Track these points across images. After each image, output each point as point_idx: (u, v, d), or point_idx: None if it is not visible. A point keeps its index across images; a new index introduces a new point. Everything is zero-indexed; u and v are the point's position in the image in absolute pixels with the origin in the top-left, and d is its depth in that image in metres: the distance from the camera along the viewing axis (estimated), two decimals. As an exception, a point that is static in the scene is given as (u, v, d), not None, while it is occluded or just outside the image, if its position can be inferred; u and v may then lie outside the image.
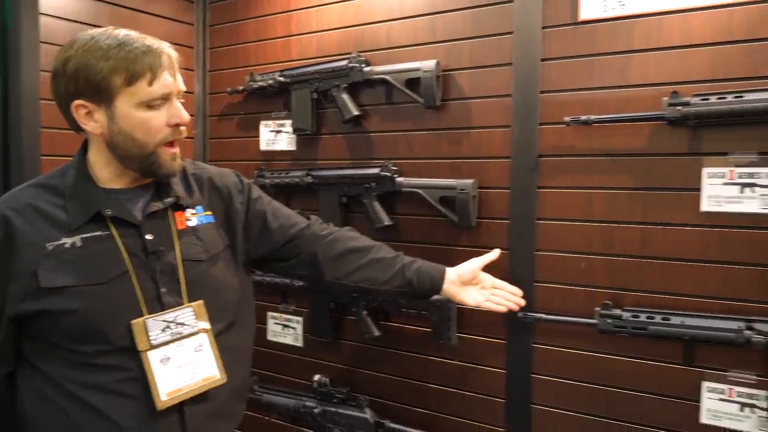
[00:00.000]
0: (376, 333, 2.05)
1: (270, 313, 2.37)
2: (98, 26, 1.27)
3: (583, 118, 1.65)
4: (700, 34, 1.57)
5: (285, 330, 2.34)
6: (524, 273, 1.80)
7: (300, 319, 2.30)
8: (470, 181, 1.83)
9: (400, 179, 1.97)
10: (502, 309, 1.64)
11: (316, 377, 2.15)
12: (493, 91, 1.85)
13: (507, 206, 1.83)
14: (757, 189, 1.52)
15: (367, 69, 2.02)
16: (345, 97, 2.06)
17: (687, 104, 1.54)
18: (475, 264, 1.63)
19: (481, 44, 1.87)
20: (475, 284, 1.63)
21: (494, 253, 1.68)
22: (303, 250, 1.52)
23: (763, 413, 1.53)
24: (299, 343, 2.31)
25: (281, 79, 2.21)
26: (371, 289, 1.57)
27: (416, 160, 1.99)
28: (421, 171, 1.97)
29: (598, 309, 1.66)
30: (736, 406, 1.57)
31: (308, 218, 1.59)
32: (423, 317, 1.96)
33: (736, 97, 1.49)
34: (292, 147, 2.28)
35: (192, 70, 2.51)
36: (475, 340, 1.92)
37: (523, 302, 1.68)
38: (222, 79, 2.47)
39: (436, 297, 1.79)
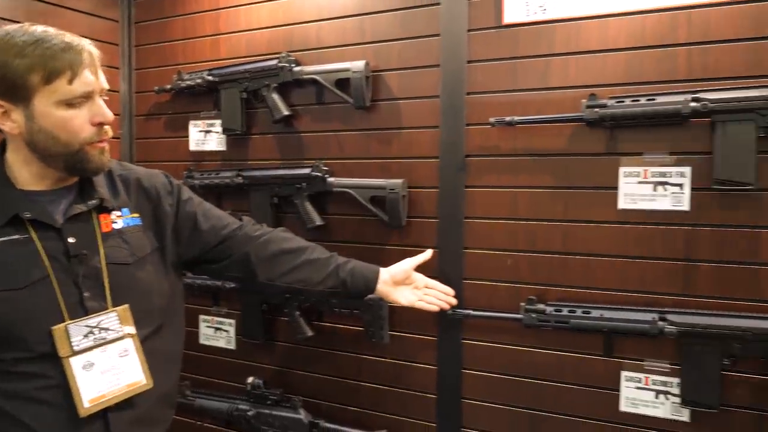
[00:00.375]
0: (309, 333, 2.05)
1: (202, 317, 2.33)
2: (13, 22, 1.21)
3: (507, 119, 1.70)
4: (615, 40, 1.65)
5: (217, 333, 2.31)
6: (453, 271, 1.83)
7: (232, 321, 2.27)
8: (400, 180, 1.86)
9: (331, 179, 1.97)
10: (434, 308, 1.67)
11: (250, 380, 2.13)
12: (422, 92, 1.87)
13: (436, 205, 1.86)
14: (668, 187, 1.60)
15: (297, 69, 2.02)
16: (275, 96, 2.05)
17: (604, 106, 1.60)
18: (408, 264, 1.65)
19: (409, 46, 1.89)
20: (408, 284, 1.66)
21: (427, 254, 1.71)
22: (235, 251, 1.50)
23: (676, 399, 1.61)
24: (232, 346, 2.27)
25: (210, 78, 2.17)
26: (305, 290, 1.56)
27: (347, 160, 2.00)
28: (351, 171, 1.98)
29: (523, 304, 1.71)
30: (652, 394, 1.65)
31: (240, 219, 1.57)
32: (356, 317, 1.98)
33: (649, 100, 1.57)
34: (222, 147, 2.25)
35: (117, 68, 2.43)
36: (407, 338, 1.95)
37: (454, 301, 1.72)
38: (149, 78, 2.41)
39: (369, 296, 1.81)
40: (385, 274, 1.61)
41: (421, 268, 1.68)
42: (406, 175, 1.89)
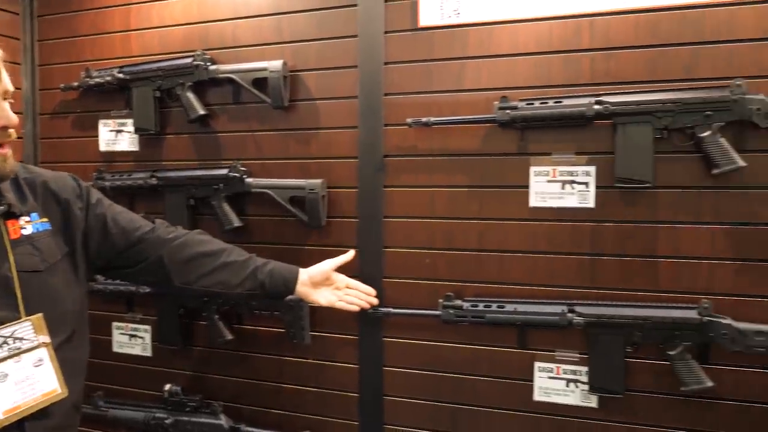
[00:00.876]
0: (229, 337, 2.01)
1: (115, 323, 2.23)
2: None
3: (424, 120, 1.74)
4: (525, 44, 1.71)
5: (132, 340, 2.22)
6: (373, 270, 1.85)
7: (148, 327, 2.19)
8: (319, 181, 1.86)
9: (249, 180, 1.94)
10: (355, 308, 1.68)
11: (167, 387, 2.07)
12: (340, 93, 1.88)
13: (355, 205, 1.87)
14: (575, 186, 1.68)
15: (212, 67, 1.98)
16: (190, 95, 2.00)
17: (515, 108, 1.67)
18: (328, 265, 1.65)
19: (327, 46, 1.90)
20: (329, 285, 1.66)
21: (348, 255, 1.71)
22: (149, 254, 1.46)
23: (585, 387, 1.70)
24: (148, 353, 2.20)
25: (120, 75, 2.09)
26: (223, 293, 1.53)
27: (265, 161, 1.98)
28: (270, 171, 1.96)
29: (441, 301, 1.75)
30: (563, 383, 1.73)
31: (153, 222, 1.53)
32: (276, 318, 1.96)
33: (556, 102, 1.64)
34: (134, 147, 2.17)
35: (19, 63, 2.29)
36: (329, 338, 1.95)
37: (375, 301, 1.73)
38: (54, 75, 2.29)
39: (289, 297, 1.80)
40: (305, 275, 1.61)
41: (342, 268, 1.69)
42: (325, 175, 1.89)
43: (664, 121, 1.57)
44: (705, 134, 1.54)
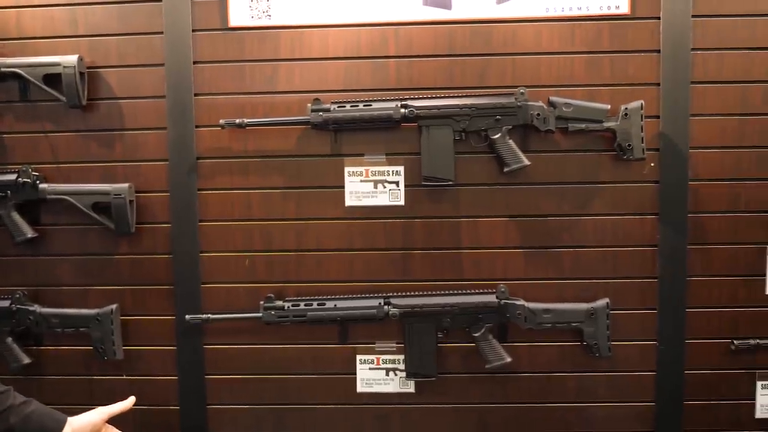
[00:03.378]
0: (26, 360, 1.81)
1: None
2: None
3: (237, 121, 1.71)
4: (335, 48, 1.76)
5: None
6: (189, 275, 1.79)
7: None
8: (125, 185, 1.74)
9: (43, 186, 1.76)
10: None
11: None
12: (146, 92, 1.79)
13: (167, 209, 1.79)
14: (386, 185, 1.77)
15: (-7, 61, 1.76)
16: (-35, 92, 1.76)
17: (327, 110, 1.71)
18: (98, 415, 1.45)
19: (129, 42, 1.78)
20: None
21: (128, 402, 1.53)
22: None
23: (403, 374, 1.80)
24: None
25: None
26: None
27: (62, 165, 1.81)
28: (69, 176, 1.80)
29: (262, 303, 1.74)
30: (383, 372, 1.82)
31: None
32: (82, 334, 1.80)
33: (366, 105, 1.72)
34: None
35: None
36: (143, 352, 1.84)
37: None
38: None
39: (98, 312, 1.70)
40: (69, 427, 1.37)
41: (161, 272, 1.60)
42: (132, 179, 1.79)
43: (462, 124, 1.72)
44: (496, 136, 1.71)
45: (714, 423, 1.82)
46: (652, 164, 1.74)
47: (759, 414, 1.82)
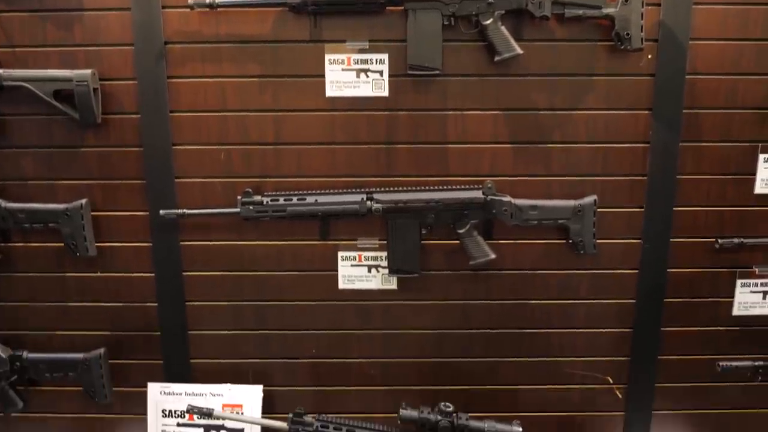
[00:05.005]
0: (-5, 257, 1.75)
1: None
2: None
3: (208, 1, 1.57)
4: None
5: None
6: (162, 170, 1.70)
7: None
8: (88, 71, 1.62)
9: (-1, 72, 1.63)
10: None
11: None
12: (104, -33, 1.63)
13: (135, 99, 1.68)
14: (370, 74, 1.67)
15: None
16: None
17: (306, -11, 1.57)
18: None
19: None
20: None
21: None
22: None
23: (385, 271, 1.77)
24: None
25: None
26: None
27: (18, 48, 1.66)
28: (25, 62, 1.66)
29: (239, 197, 1.68)
30: (365, 269, 1.79)
31: None
32: (53, 230, 1.73)
33: (349, -17, 1.58)
34: None
35: None
36: (117, 248, 1.79)
37: None
38: None
39: (67, 207, 1.63)
40: None
41: (127, 165, 1.51)
42: (95, 64, 1.65)
43: (452, 8, 1.60)
44: (488, 22, 1.59)
45: (692, 321, 1.85)
46: (650, 56, 1.65)
47: (736, 312, 1.84)
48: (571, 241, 1.73)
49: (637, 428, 1.92)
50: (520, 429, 1.64)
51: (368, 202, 1.67)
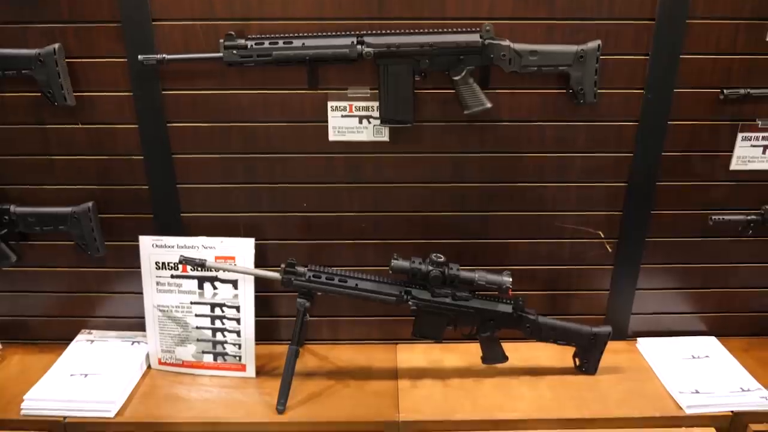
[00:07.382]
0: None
1: None
2: None
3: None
4: None
5: None
6: (137, 10, 1.58)
7: None
8: None
9: None
10: None
11: None
12: None
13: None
14: None
15: None
16: None
17: None
18: None
19: None
20: None
21: None
22: None
23: (377, 122, 1.71)
24: None
25: None
26: None
27: None
28: None
29: (222, 41, 1.57)
30: (356, 120, 1.72)
31: None
32: (26, 78, 1.63)
33: None
34: None
35: None
36: (96, 98, 1.70)
37: None
38: None
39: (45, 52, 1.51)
40: None
41: (99, 5, 1.38)
42: None
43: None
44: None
45: (688, 174, 1.82)
46: None
47: (733, 166, 1.81)
48: (571, 90, 1.66)
49: (624, 281, 1.95)
50: (510, 279, 1.67)
51: (359, 46, 1.57)
